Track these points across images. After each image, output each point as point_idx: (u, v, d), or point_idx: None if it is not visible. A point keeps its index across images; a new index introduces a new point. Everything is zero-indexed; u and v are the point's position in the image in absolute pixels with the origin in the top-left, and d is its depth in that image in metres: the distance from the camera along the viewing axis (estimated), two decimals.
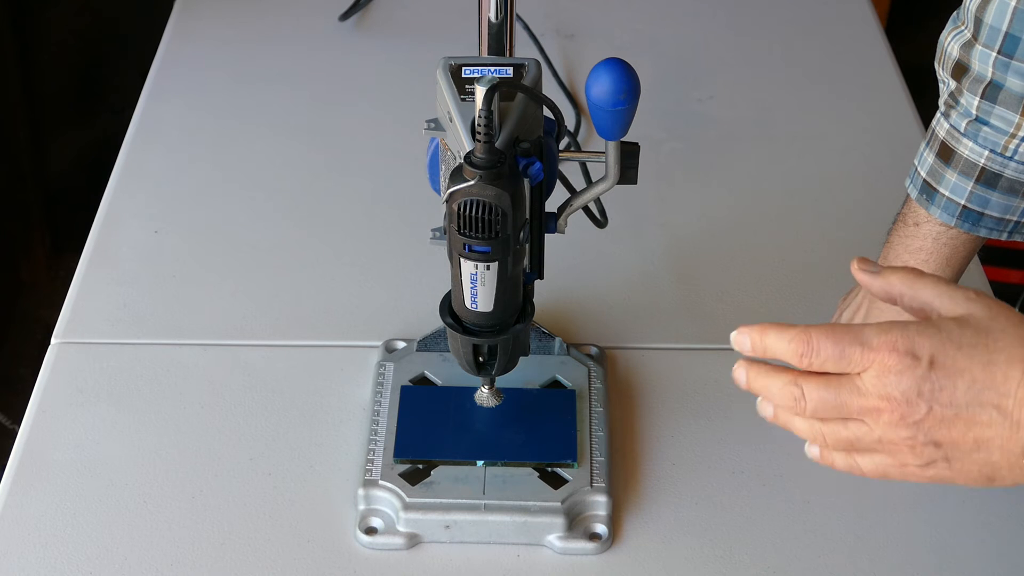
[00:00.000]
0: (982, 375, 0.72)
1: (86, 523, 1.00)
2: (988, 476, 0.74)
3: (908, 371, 0.72)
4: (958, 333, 0.72)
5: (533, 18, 1.52)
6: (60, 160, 2.26)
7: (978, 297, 0.74)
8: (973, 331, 0.73)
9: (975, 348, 0.72)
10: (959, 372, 0.72)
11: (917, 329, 0.73)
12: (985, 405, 0.72)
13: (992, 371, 0.72)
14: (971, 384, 0.72)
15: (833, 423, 0.75)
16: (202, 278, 1.22)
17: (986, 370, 0.72)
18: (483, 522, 0.97)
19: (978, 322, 0.73)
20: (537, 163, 0.89)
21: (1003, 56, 0.91)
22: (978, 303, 0.74)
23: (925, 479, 0.75)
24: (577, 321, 1.17)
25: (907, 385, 0.72)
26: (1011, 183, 0.95)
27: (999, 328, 0.72)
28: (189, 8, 1.60)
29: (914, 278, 0.77)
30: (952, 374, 0.72)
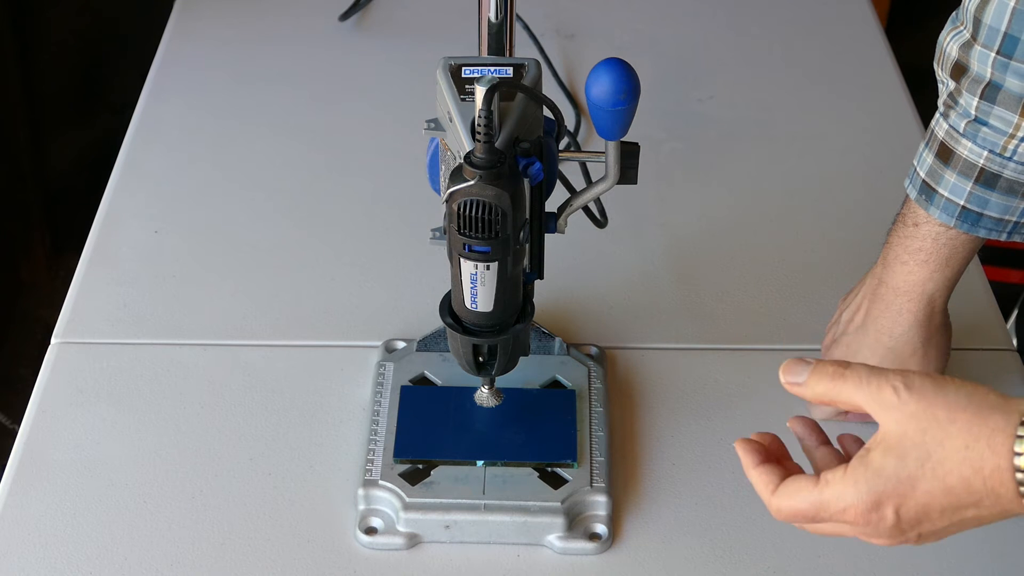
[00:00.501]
0: (947, 501, 0.73)
1: (86, 523, 1.00)
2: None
3: (879, 526, 0.75)
4: (904, 471, 0.73)
5: (533, 18, 1.52)
6: (60, 160, 2.26)
7: (900, 402, 0.73)
8: (914, 460, 0.73)
9: (926, 480, 0.73)
10: (924, 507, 0.73)
11: (867, 488, 0.74)
12: (965, 513, 0.74)
13: (955, 494, 0.73)
14: (942, 510, 0.73)
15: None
16: (202, 278, 1.22)
17: (948, 496, 0.73)
18: (483, 522, 0.98)
19: (914, 443, 0.73)
20: (537, 163, 0.89)
21: (1002, 56, 0.91)
22: (903, 412, 0.73)
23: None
24: (577, 321, 1.17)
25: (886, 533, 0.75)
26: (1010, 183, 0.95)
27: (935, 443, 0.72)
28: (189, 8, 1.60)
29: (840, 382, 0.76)
30: (921, 511, 0.74)
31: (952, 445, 0.72)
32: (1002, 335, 1.17)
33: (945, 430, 0.72)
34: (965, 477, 0.72)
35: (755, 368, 1.13)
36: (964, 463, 0.72)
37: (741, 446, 0.81)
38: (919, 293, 1.01)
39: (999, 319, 1.19)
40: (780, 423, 1.08)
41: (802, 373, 0.78)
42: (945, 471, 0.72)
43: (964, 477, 0.72)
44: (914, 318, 1.01)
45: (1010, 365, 1.14)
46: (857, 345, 1.04)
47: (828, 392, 0.77)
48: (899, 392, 0.74)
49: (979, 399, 0.73)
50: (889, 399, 0.74)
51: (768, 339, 1.16)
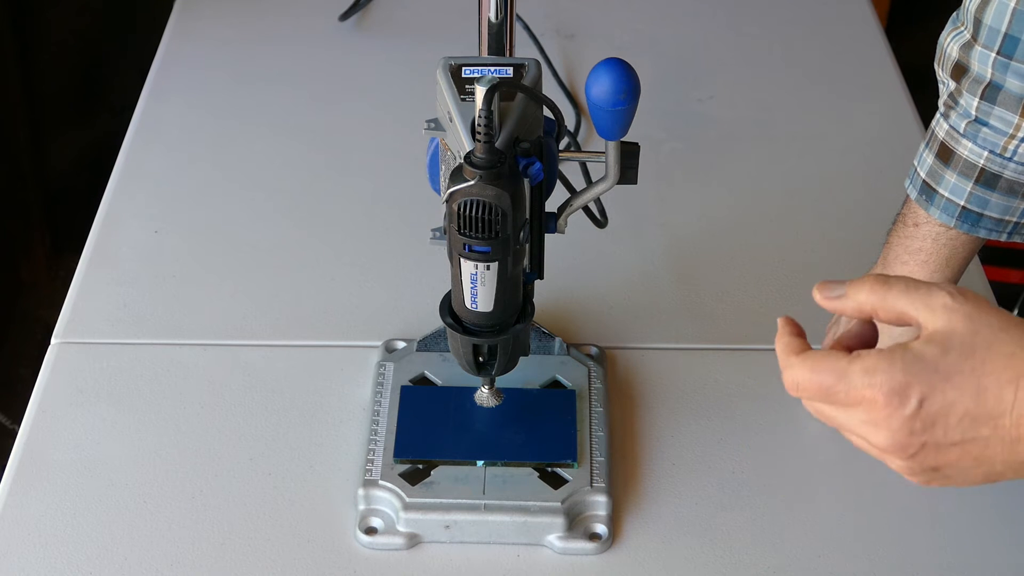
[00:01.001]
0: (974, 404, 0.71)
1: (86, 523, 1.00)
2: (989, 479, 0.74)
3: (896, 413, 0.72)
4: (943, 362, 0.71)
5: (533, 18, 1.52)
6: (60, 160, 2.26)
7: (955, 304, 0.72)
8: (958, 355, 0.71)
9: (963, 375, 0.71)
10: (950, 405, 0.71)
11: (902, 366, 0.71)
12: (980, 430, 0.71)
13: (984, 398, 0.71)
14: (963, 415, 0.71)
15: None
16: (202, 278, 1.22)
17: (977, 399, 0.71)
18: (483, 522, 0.98)
19: (962, 341, 0.71)
20: (537, 163, 0.89)
21: (1002, 57, 0.91)
22: (958, 313, 0.72)
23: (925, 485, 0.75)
24: (577, 321, 1.17)
25: (897, 427, 0.72)
26: (1010, 184, 0.95)
27: (984, 345, 0.71)
28: (189, 8, 1.60)
29: (884, 289, 0.74)
30: (943, 409, 0.71)
31: (999, 349, 0.70)
32: None
33: (996, 334, 0.71)
34: (1001, 382, 0.70)
35: (755, 368, 1.13)
36: (1006, 368, 0.70)
37: (783, 319, 0.79)
38: None
39: None
40: (780, 423, 1.08)
41: (839, 287, 0.76)
42: (984, 371, 0.70)
43: (1000, 382, 0.70)
44: None
45: None
46: None
47: (870, 300, 0.74)
48: (954, 296, 0.72)
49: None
50: (942, 300, 0.72)
51: (768, 339, 1.15)
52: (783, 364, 0.76)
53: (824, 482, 1.03)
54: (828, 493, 1.02)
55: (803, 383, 0.75)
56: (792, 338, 0.77)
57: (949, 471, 0.73)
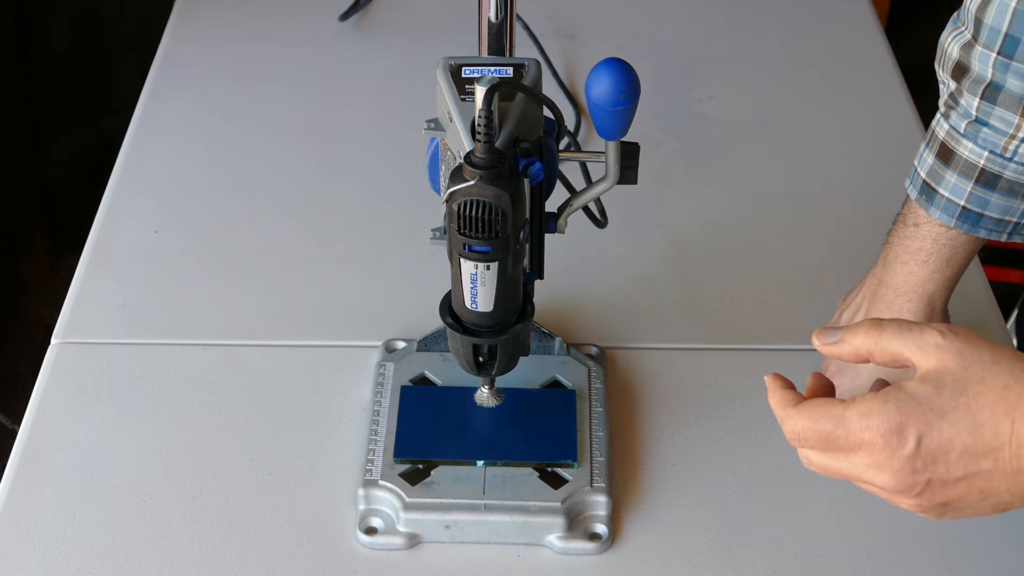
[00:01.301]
0: (972, 439, 0.72)
1: (86, 523, 1.00)
2: (998, 509, 0.75)
3: (896, 453, 0.73)
4: (937, 400, 0.72)
5: (533, 18, 1.52)
6: (60, 160, 2.26)
7: (946, 342, 0.73)
8: (951, 392, 0.72)
9: (957, 412, 0.72)
10: (948, 442, 0.72)
11: (896, 406, 0.73)
12: (982, 464, 0.72)
13: (980, 433, 0.72)
14: (963, 451, 0.72)
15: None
16: (202, 278, 1.22)
17: (975, 434, 0.72)
18: (483, 522, 0.98)
19: (954, 378, 0.72)
20: (537, 163, 0.89)
21: (1003, 57, 0.91)
22: (949, 351, 0.73)
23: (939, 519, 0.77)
24: (577, 321, 1.17)
25: (899, 467, 0.73)
26: (1011, 184, 0.95)
27: (975, 379, 0.72)
28: (189, 8, 1.60)
29: (877, 333, 0.76)
30: (942, 446, 0.72)
31: (992, 383, 0.71)
32: (1002, 335, 1.17)
33: (988, 368, 0.72)
34: (996, 416, 0.71)
35: (755, 368, 1.12)
36: (999, 402, 0.71)
37: (771, 376, 0.80)
38: (919, 293, 1.01)
39: (999, 319, 1.19)
40: None
41: (836, 333, 0.77)
42: (978, 406, 0.72)
43: (995, 416, 0.71)
44: (914, 318, 1.01)
45: None
46: None
47: (865, 344, 0.75)
48: (945, 335, 0.73)
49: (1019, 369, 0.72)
50: (933, 340, 0.73)
51: (768, 339, 1.16)
52: (780, 417, 0.78)
53: (824, 482, 1.03)
54: (828, 493, 1.02)
55: (803, 432, 0.77)
56: (784, 391, 0.79)
57: (958, 504, 0.75)
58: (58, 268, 2.29)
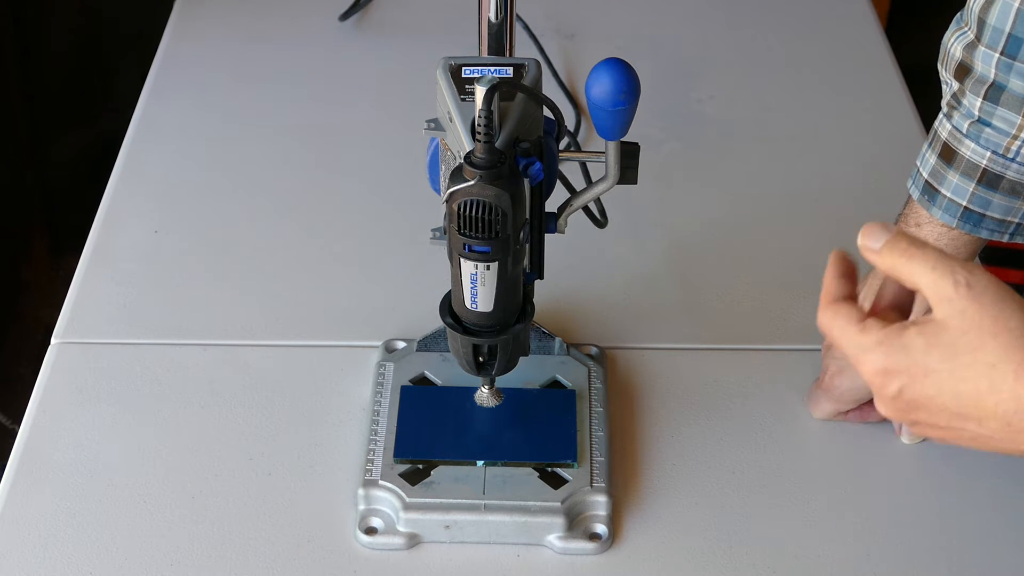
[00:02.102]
0: (953, 403, 0.73)
1: (86, 523, 0.99)
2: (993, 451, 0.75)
3: (881, 392, 0.75)
4: (925, 358, 0.73)
5: (533, 18, 1.52)
6: (60, 160, 2.26)
7: (957, 296, 0.72)
8: (939, 354, 0.72)
9: (940, 375, 0.72)
10: (928, 398, 0.73)
11: (886, 351, 0.74)
12: (966, 425, 0.73)
13: (962, 401, 0.72)
14: (943, 409, 0.73)
15: None
16: (202, 278, 1.22)
17: (956, 400, 0.73)
18: (483, 522, 0.97)
19: (949, 340, 0.72)
20: (537, 163, 0.89)
21: (1006, 57, 0.91)
22: (955, 308, 0.72)
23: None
24: (577, 321, 1.17)
25: (885, 402, 0.76)
26: (1013, 185, 0.95)
27: (967, 350, 0.72)
28: (189, 8, 1.60)
29: (908, 260, 0.75)
30: (923, 400, 0.74)
31: (982, 357, 0.71)
32: None
33: (983, 340, 0.71)
34: (979, 390, 0.71)
35: (755, 368, 1.13)
36: (984, 376, 0.71)
37: (836, 255, 0.80)
38: None
39: None
40: (780, 423, 1.08)
41: (880, 239, 0.76)
42: (963, 376, 0.72)
43: (979, 390, 0.71)
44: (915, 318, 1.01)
45: None
46: None
47: (896, 266, 0.75)
48: (959, 287, 0.72)
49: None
50: (946, 290, 0.72)
51: (768, 339, 1.16)
52: (820, 302, 0.79)
53: (824, 482, 1.03)
54: (828, 493, 1.02)
55: (824, 329, 0.78)
56: (837, 280, 0.79)
57: (952, 440, 0.75)
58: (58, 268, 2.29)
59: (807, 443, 1.07)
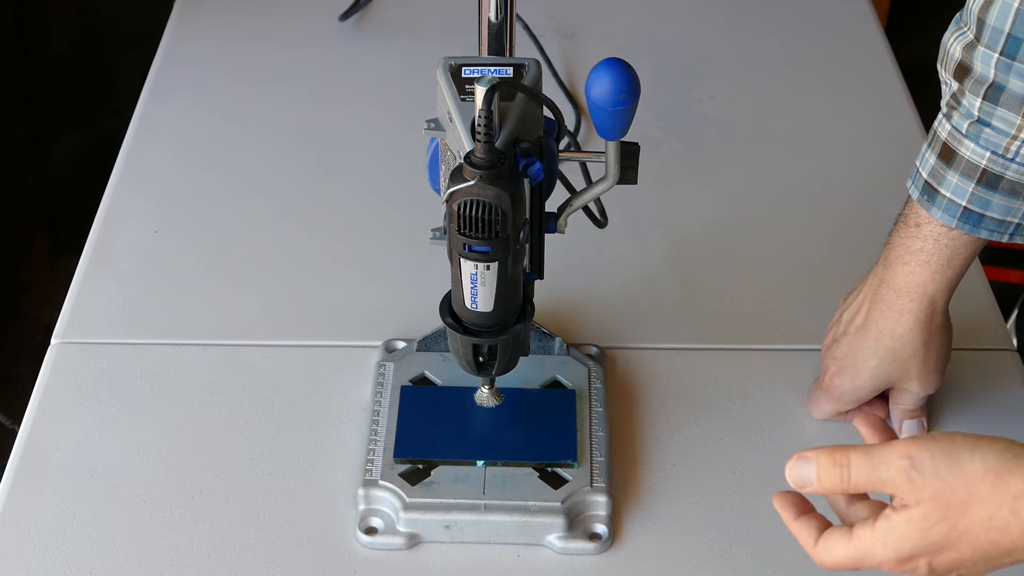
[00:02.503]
0: (978, 555, 0.74)
1: (86, 523, 0.99)
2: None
3: (915, 571, 0.76)
4: (930, 539, 0.74)
5: (533, 18, 1.52)
6: (60, 160, 2.26)
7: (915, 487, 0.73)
8: (940, 533, 0.73)
9: (953, 544, 0.73)
10: (958, 560, 0.74)
11: (895, 546, 0.74)
12: (999, 561, 0.74)
13: (985, 551, 0.73)
14: (975, 563, 0.74)
15: None
16: (202, 278, 1.22)
17: (979, 553, 0.73)
18: (483, 522, 0.97)
19: (939, 519, 0.73)
20: (537, 163, 0.89)
21: (1005, 58, 0.91)
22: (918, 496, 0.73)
23: None
24: (577, 321, 1.17)
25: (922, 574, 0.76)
26: (1012, 185, 0.94)
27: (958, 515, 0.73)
28: (189, 8, 1.60)
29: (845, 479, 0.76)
30: (954, 563, 0.74)
31: (976, 516, 0.72)
32: (1002, 335, 1.17)
33: (967, 504, 0.72)
34: (993, 540, 0.73)
35: (755, 368, 1.13)
36: (991, 530, 0.72)
37: (779, 501, 0.81)
38: (920, 294, 1.01)
39: (999, 319, 1.19)
40: (780, 423, 1.08)
41: (810, 476, 0.77)
42: (972, 537, 0.73)
43: (992, 540, 0.73)
44: (915, 319, 1.01)
45: (1010, 365, 1.14)
46: (858, 346, 1.04)
47: (839, 487, 0.76)
48: (912, 479, 0.73)
49: (996, 462, 0.72)
50: (902, 485, 0.73)
51: (768, 339, 1.16)
52: (808, 552, 0.80)
53: None
54: None
55: (831, 565, 0.79)
56: (801, 522, 0.80)
57: (994, 568, 0.76)
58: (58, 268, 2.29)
59: (807, 443, 1.06)
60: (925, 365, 1.03)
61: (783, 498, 0.81)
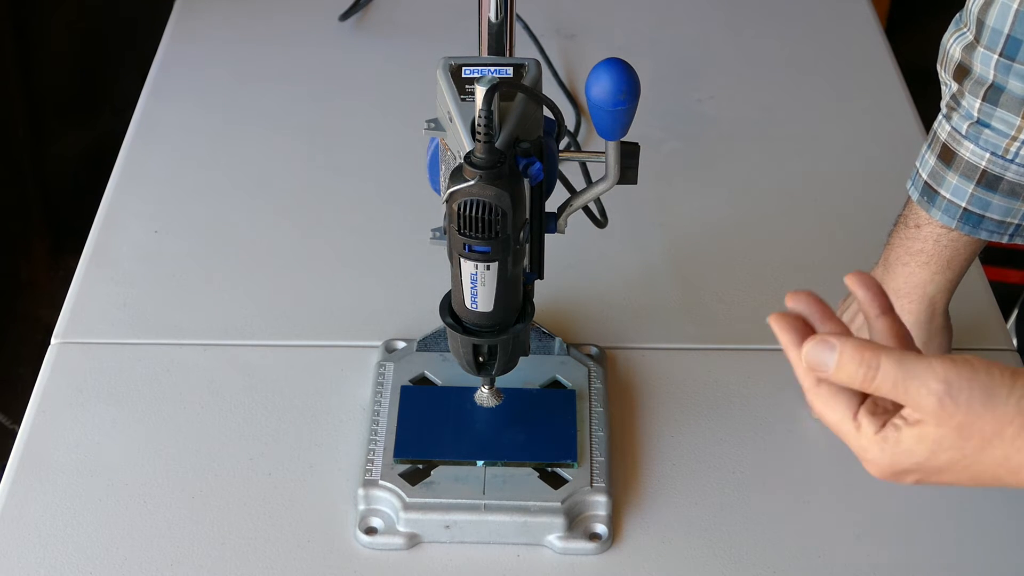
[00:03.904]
0: (971, 481, 0.72)
1: (86, 523, 1.00)
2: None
3: (898, 481, 0.74)
4: (934, 461, 0.72)
5: (533, 18, 1.52)
6: (60, 160, 2.26)
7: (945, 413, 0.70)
8: (948, 459, 0.71)
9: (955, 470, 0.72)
10: (948, 483, 0.73)
11: (893, 457, 0.72)
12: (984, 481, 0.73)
13: (980, 479, 0.72)
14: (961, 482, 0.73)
15: None
16: (202, 278, 1.22)
17: (973, 479, 0.72)
18: (483, 522, 0.97)
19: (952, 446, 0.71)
20: (537, 163, 0.89)
21: (1004, 59, 0.91)
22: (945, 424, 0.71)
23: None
24: (577, 321, 1.17)
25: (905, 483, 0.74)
26: (1012, 186, 0.95)
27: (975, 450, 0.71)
28: (189, 8, 1.60)
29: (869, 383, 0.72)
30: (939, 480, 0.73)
31: (992, 454, 0.70)
32: (1002, 335, 1.17)
33: (989, 442, 0.70)
34: (997, 476, 0.71)
35: (755, 368, 1.13)
36: (999, 468, 0.71)
37: (777, 323, 0.76)
38: (920, 295, 1.01)
39: (999, 319, 1.19)
40: (780, 423, 1.08)
41: (828, 363, 0.72)
42: (978, 469, 0.71)
43: (997, 476, 0.71)
44: (915, 320, 1.01)
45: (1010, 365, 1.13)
46: None
47: (861, 387, 0.73)
48: (944, 404, 0.70)
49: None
50: (930, 407, 0.70)
51: (768, 339, 1.14)
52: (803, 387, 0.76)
53: (824, 482, 1.03)
54: (828, 493, 1.02)
55: (818, 414, 0.76)
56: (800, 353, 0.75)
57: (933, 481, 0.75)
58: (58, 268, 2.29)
59: (807, 443, 1.07)
60: None
61: (782, 320, 0.76)
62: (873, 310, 0.77)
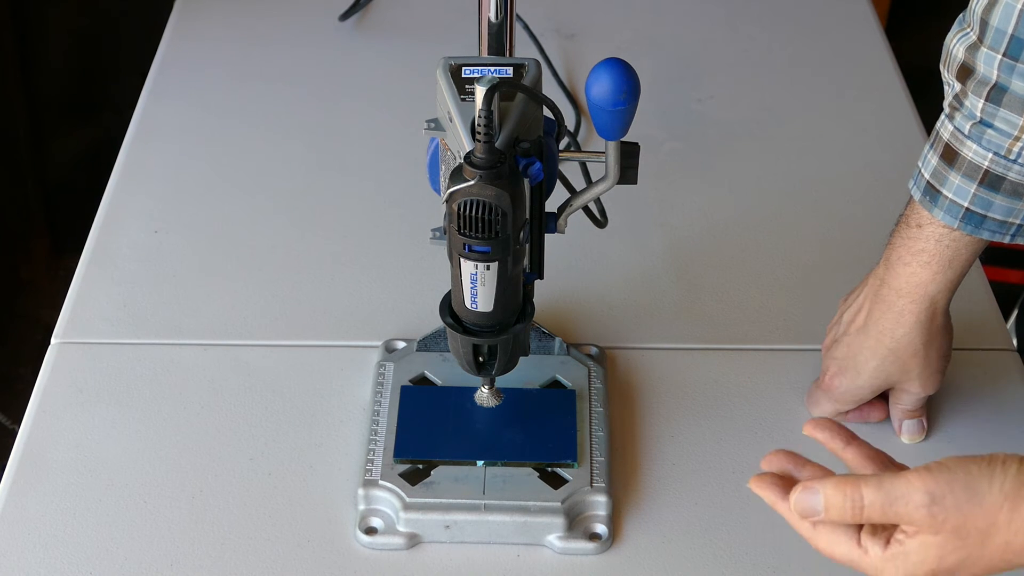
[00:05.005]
0: (988, 572, 0.74)
1: (86, 523, 1.00)
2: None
3: None
4: (943, 563, 0.74)
5: (533, 18, 1.52)
6: (60, 160, 2.26)
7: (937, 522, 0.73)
8: (955, 560, 0.73)
9: (966, 569, 0.74)
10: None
11: (905, 571, 0.74)
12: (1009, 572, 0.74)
13: (996, 568, 0.73)
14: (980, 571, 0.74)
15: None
16: (202, 278, 1.22)
17: (989, 569, 0.74)
18: (483, 522, 0.97)
19: (955, 547, 0.73)
20: (537, 163, 0.89)
21: (1008, 59, 0.91)
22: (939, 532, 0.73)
23: None
24: (577, 321, 1.17)
25: None
26: (1014, 186, 0.94)
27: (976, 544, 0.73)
28: (189, 8, 1.60)
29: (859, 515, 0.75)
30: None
31: (994, 543, 0.72)
32: (1002, 335, 1.17)
33: (986, 534, 0.72)
34: (1008, 560, 0.73)
35: (755, 368, 1.12)
36: (1006, 553, 0.73)
37: (758, 484, 0.80)
38: (921, 295, 1.01)
39: (999, 319, 1.19)
40: (780, 423, 1.08)
41: (816, 506, 0.76)
42: (988, 560, 0.73)
43: (1007, 560, 0.73)
44: (916, 320, 1.01)
45: (1010, 365, 1.14)
46: (858, 346, 1.04)
47: (853, 520, 0.76)
48: (933, 513, 0.73)
49: (1012, 488, 0.72)
50: (922, 520, 0.73)
51: (768, 339, 1.16)
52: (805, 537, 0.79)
53: None
54: None
55: (827, 554, 0.78)
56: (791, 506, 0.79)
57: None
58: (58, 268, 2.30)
59: (807, 443, 1.06)
60: (926, 366, 1.03)
61: (763, 481, 0.80)
62: (838, 444, 0.82)
